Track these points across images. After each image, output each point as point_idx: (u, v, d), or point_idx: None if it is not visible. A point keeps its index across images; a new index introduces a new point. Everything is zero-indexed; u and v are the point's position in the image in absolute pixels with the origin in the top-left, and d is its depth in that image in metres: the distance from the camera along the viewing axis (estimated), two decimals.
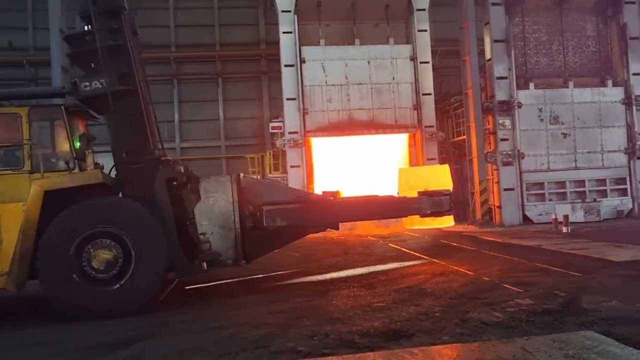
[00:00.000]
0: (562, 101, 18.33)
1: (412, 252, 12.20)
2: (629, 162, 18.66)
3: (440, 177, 17.89)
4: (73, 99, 8.08)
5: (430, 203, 9.18)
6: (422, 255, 11.57)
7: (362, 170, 21.75)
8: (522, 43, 18.63)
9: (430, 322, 6.03)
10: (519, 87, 18.21)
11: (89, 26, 7.83)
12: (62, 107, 7.88)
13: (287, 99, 19.88)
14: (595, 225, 16.47)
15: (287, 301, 7.61)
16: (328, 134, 20.16)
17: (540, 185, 18.23)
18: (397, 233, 17.25)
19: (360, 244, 14.76)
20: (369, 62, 20.33)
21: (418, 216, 10.35)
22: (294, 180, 19.57)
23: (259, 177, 23.72)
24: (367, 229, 18.49)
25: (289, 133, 19.73)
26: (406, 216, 10.56)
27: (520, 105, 18.02)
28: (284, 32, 19.91)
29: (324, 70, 20.11)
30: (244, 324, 6.37)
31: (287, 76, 19.92)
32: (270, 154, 21.55)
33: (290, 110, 19.86)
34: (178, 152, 25.54)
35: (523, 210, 18.03)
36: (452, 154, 22.66)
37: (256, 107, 25.96)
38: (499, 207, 18.13)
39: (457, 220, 19.91)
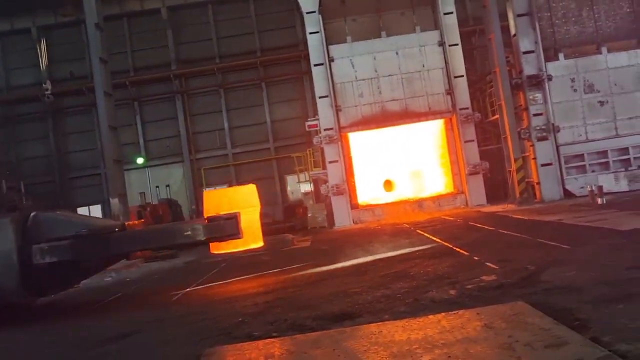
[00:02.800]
0: (596, 68, 17.74)
1: (430, 237, 12.49)
2: None
3: (246, 198, 16.86)
4: None
5: (205, 229, 8.78)
6: (437, 240, 11.85)
7: (404, 159, 22.09)
8: (549, 13, 18.18)
9: (385, 303, 6.48)
10: (548, 59, 17.82)
11: None
12: None
13: (320, 97, 20.55)
14: None
15: (277, 292, 8.28)
16: (362, 127, 20.61)
17: (580, 157, 17.74)
18: (434, 218, 17.42)
19: (391, 232, 15.19)
20: (397, 53, 20.54)
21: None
22: (333, 175, 20.17)
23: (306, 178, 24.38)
24: (411, 216, 18.91)
25: (324, 130, 20.35)
26: (182, 244, 10.02)
27: (550, 78, 17.63)
28: (310, 33, 20.53)
29: (352, 66, 20.56)
30: (225, 315, 7.10)
31: (318, 75, 20.56)
32: (311, 152, 22.22)
33: (323, 107, 20.50)
34: (230, 158, 26.87)
35: (563, 184, 17.66)
36: (492, 133, 22.36)
37: (300, 107, 26.76)
38: (539, 183, 17.85)
39: (499, 200, 19.72)
